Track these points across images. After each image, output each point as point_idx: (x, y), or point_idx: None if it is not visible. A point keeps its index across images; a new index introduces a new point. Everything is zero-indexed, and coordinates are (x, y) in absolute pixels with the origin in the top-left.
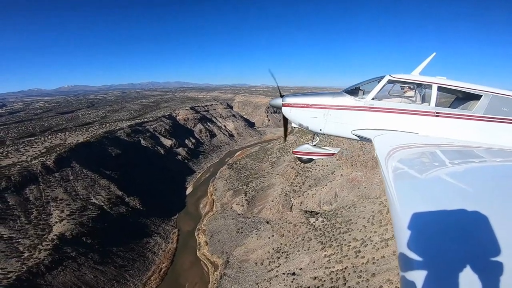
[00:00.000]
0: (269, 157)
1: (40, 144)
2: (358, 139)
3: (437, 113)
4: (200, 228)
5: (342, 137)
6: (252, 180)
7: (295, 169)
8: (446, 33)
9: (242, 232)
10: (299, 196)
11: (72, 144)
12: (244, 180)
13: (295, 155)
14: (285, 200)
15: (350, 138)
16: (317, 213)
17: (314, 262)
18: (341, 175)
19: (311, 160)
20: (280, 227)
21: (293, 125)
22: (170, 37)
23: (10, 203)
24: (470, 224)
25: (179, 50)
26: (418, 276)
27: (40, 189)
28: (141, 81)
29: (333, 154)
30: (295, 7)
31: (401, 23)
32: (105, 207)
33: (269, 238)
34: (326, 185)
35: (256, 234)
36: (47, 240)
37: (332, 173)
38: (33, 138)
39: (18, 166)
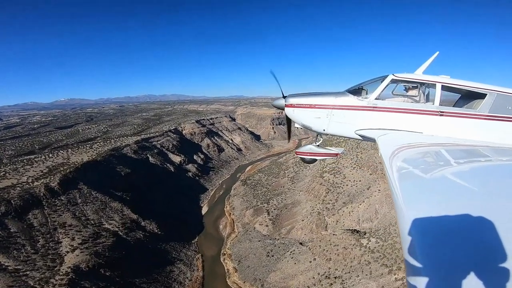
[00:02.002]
0: (286, 172)
1: (41, 163)
2: (362, 139)
3: (441, 112)
4: (225, 252)
5: (345, 137)
6: (272, 197)
7: (324, 185)
8: (449, 32)
9: (273, 256)
10: (333, 215)
11: (77, 163)
12: (262, 198)
13: (299, 156)
14: (319, 219)
15: (354, 138)
16: (364, 233)
17: (383, 287)
18: (379, 190)
19: (315, 160)
20: (324, 249)
21: (296, 125)
22: (166, 49)
23: (11, 230)
24: (476, 225)
25: (174, 62)
26: (424, 280)
27: (45, 213)
28: (138, 94)
29: (336, 155)
30: (291, 13)
31: (402, 21)
32: (120, 233)
33: (310, 262)
34: (364, 202)
35: (292, 257)
36: (61, 273)
37: (368, 189)
38: (32, 156)
39: (18, 188)
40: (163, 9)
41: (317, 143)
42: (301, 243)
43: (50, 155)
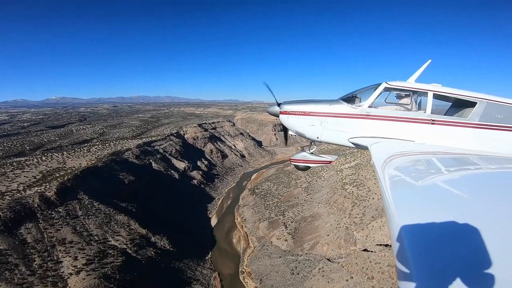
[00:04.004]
0: (298, 181)
1: (33, 167)
2: (355, 147)
3: (433, 120)
4: (244, 270)
5: (339, 145)
6: (286, 209)
7: (349, 198)
8: (441, 40)
9: (298, 274)
10: (362, 229)
11: (74, 168)
12: (275, 209)
13: (293, 163)
14: (347, 234)
15: (347, 146)
16: None
17: None
18: None
19: (308, 167)
20: (362, 267)
21: (290, 132)
22: (160, 51)
23: (1, 247)
24: (466, 232)
25: (168, 64)
26: (414, 285)
27: (40, 228)
28: (131, 94)
29: (330, 162)
30: (285, 18)
31: (396, 29)
32: (129, 251)
33: (346, 280)
34: None
35: (323, 276)
36: None
37: None
38: (23, 159)
39: (7, 197)
40: (159, 11)
41: (311, 151)
42: (328, 259)
43: (43, 157)
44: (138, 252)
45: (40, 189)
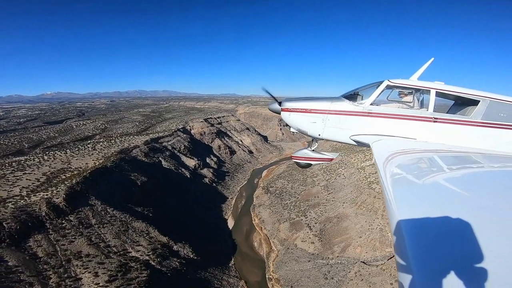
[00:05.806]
0: (314, 179)
1: (35, 168)
2: (357, 144)
3: (435, 118)
4: (271, 276)
5: (341, 142)
6: (307, 209)
7: (380, 199)
8: (444, 38)
9: (332, 278)
10: None
11: (81, 169)
12: (295, 209)
13: (294, 160)
14: (382, 235)
15: (349, 144)
16: None
17: None
18: None
19: (310, 165)
20: None
21: (291, 130)
22: (157, 45)
23: (10, 264)
24: (466, 230)
25: (165, 58)
26: (414, 281)
27: (51, 240)
28: (128, 89)
29: (331, 159)
30: (281, 15)
31: (399, 27)
32: (152, 263)
33: (391, 284)
34: None
35: (362, 280)
36: None
37: None
38: (22, 158)
39: (10, 204)
40: (156, 6)
41: (312, 148)
42: (364, 262)
43: (45, 157)
44: (162, 263)
45: (47, 195)
